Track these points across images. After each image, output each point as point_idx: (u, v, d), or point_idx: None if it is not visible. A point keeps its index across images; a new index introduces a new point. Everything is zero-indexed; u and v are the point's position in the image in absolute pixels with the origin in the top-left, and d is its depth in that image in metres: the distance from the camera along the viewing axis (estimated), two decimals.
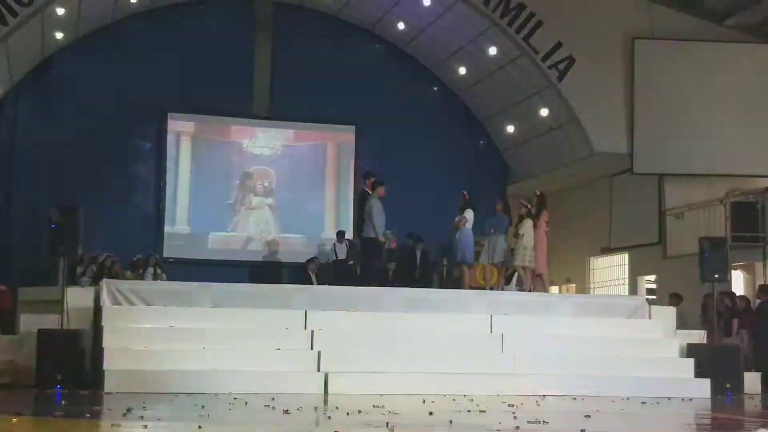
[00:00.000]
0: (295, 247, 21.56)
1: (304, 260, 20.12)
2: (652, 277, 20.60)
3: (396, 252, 19.58)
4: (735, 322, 16.34)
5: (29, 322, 12.66)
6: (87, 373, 12.23)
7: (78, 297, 12.96)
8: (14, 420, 8.27)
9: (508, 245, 16.29)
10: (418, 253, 19.53)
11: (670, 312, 15.13)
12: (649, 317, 14.78)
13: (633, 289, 20.63)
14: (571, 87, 20.10)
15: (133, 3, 20.79)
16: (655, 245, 20.22)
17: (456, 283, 16.92)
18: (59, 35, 20.05)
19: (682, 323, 15.51)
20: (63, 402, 10.29)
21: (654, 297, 19.26)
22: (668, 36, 20.29)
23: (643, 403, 11.67)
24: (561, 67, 20.06)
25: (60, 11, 18.78)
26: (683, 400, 12.51)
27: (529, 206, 16.20)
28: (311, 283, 18.25)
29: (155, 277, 17.90)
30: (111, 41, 21.06)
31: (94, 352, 12.37)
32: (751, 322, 16.14)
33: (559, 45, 20.06)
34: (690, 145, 20.02)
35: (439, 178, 21.99)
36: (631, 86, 20.20)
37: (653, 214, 20.35)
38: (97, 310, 12.86)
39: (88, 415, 8.98)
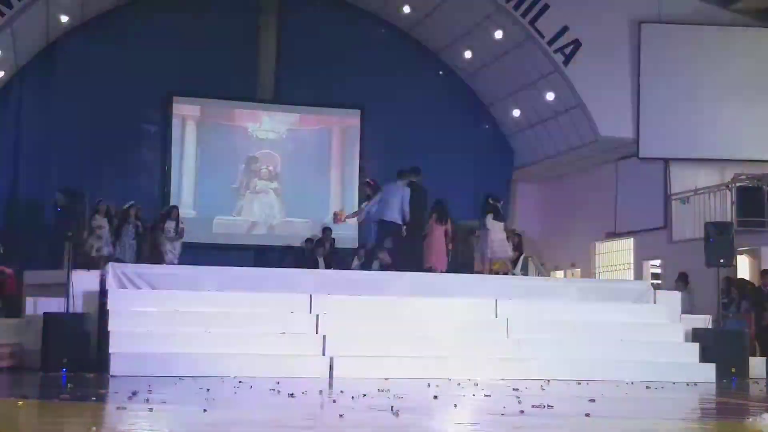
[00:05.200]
0: (300, 231, 21.52)
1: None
2: (658, 262, 20.59)
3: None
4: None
5: (35, 306, 12.70)
6: (92, 357, 12.29)
7: (83, 280, 12.98)
8: (20, 403, 8.30)
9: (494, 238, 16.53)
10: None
11: (675, 297, 15.14)
12: (654, 302, 14.79)
13: (638, 274, 20.62)
14: (577, 71, 20.03)
15: None
16: (661, 230, 20.19)
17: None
18: (64, 19, 19.99)
19: (689, 308, 15.53)
20: (69, 385, 10.31)
21: (659, 282, 19.27)
22: (675, 20, 20.20)
23: (647, 387, 11.69)
24: (567, 51, 19.99)
25: None
26: (688, 384, 12.51)
27: (491, 201, 16.58)
28: (318, 267, 18.20)
29: (177, 231, 17.79)
30: (116, 25, 20.98)
31: (99, 336, 12.42)
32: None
33: (565, 29, 19.98)
34: (696, 129, 19.99)
35: (445, 162, 21.91)
36: (637, 70, 20.12)
37: (659, 199, 20.32)
38: (103, 294, 12.89)
39: (94, 399, 9.02)
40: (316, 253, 19.20)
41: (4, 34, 18.01)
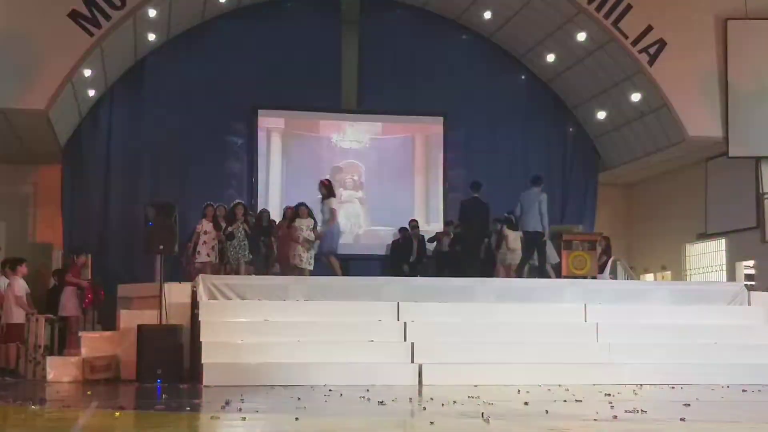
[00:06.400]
0: (385, 240, 21.55)
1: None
2: (751, 263, 20.15)
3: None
4: None
5: (129, 318, 12.99)
6: (186, 367, 12.50)
7: (175, 292, 13.23)
8: (117, 414, 8.49)
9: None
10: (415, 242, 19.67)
11: None
12: (749, 303, 14.48)
13: (731, 275, 20.20)
14: (663, 71, 19.71)
15: (222, 2, 21.08)
16: (754, 230, 19.77)
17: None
18: (151, 36, 20.40)
19: None
20: (163, 396, 10.51)
21: (753, 283, 18.85)
22: (762, 16, 19.77)
23: (744, 390, 11.46)
24: (652, 51, 19.69)
25: (152, 13, 19.11)
26: None
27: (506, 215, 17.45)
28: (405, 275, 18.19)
29: (315, 231, 16.48)
30: (201, 41, 21.34)
31: (192, 347, 12.63)
32: None
33: (649, 28, 19.69)
34: None
35: (530, 167, 21.73)
36: (724, 68, 19.72)
37: (750, 199, 19.88)
38: (194, 305, 13.11)
39: (188, 408, 9.18)
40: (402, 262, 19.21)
41: (94, 54, 18.43)
